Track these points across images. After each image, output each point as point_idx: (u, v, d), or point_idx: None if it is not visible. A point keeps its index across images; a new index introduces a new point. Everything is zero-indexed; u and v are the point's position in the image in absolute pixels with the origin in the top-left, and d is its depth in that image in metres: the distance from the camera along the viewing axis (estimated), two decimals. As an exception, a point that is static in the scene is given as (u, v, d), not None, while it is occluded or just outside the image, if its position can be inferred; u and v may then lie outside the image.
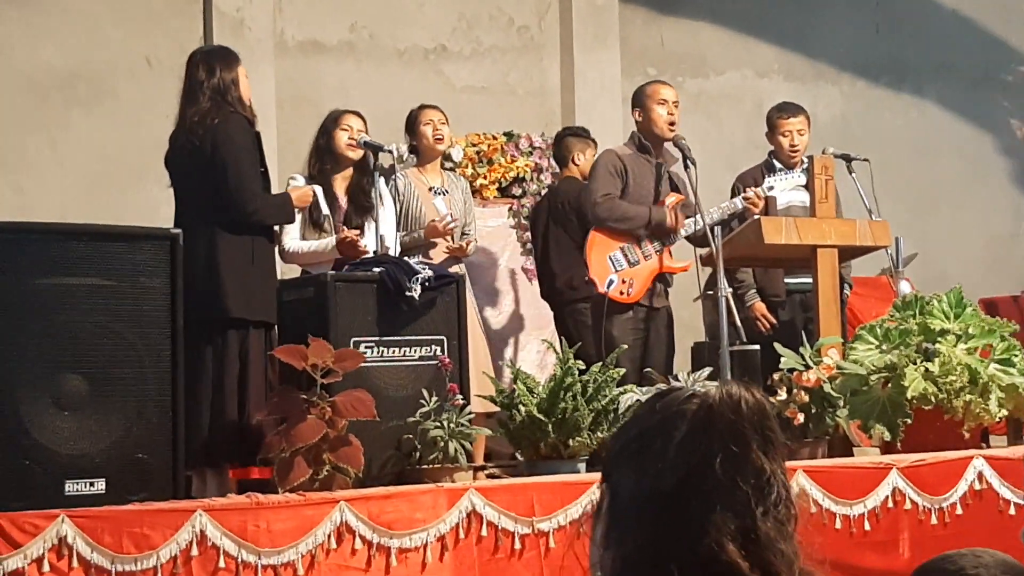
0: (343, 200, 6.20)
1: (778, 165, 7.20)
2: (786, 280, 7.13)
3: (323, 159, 6.23)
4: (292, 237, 6.09)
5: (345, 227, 6.10)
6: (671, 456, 1.56)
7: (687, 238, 6.81)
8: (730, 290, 6.32)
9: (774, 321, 7.03)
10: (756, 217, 6.64)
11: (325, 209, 6.02)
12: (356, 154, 6.22)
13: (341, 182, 6.23)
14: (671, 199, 6.77)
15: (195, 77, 5.42)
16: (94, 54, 7.96)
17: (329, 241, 6.03)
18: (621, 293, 6.62)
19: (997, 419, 5.93)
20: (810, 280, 6.58)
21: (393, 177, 6.75)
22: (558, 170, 8.23)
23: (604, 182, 6.74)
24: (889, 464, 5.60)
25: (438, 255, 6.56)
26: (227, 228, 5.25)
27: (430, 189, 6.69)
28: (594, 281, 6.67)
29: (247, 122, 5.41)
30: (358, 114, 6.37)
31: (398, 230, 6.55)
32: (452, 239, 6.58)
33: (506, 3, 8.97)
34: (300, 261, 6.17)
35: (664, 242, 6.76)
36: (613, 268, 6.66)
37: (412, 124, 6.79)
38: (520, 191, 8.14)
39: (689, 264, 6.82)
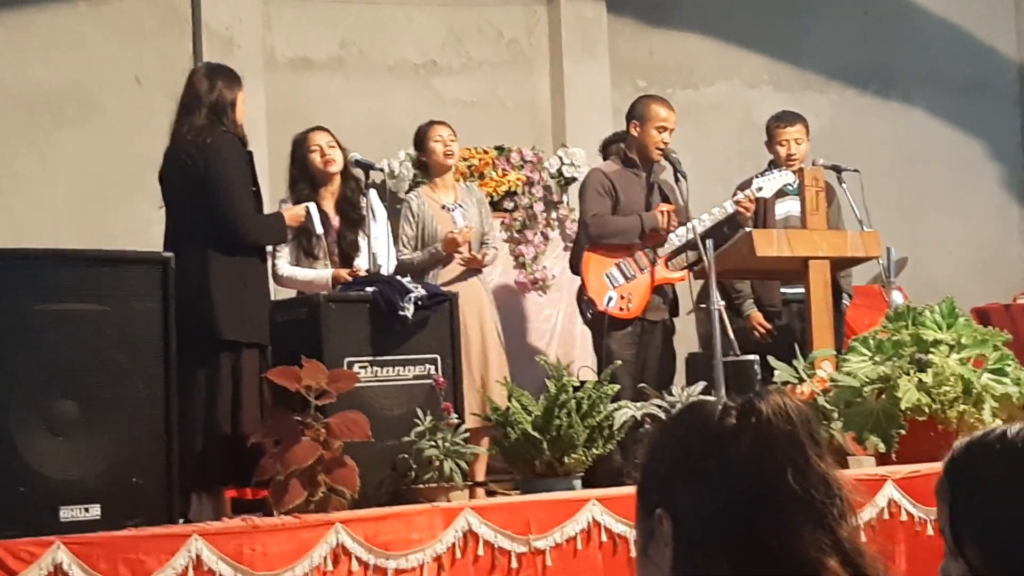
0: (334, 218, 6.17)
1: (777, 173, 7.19)
2: (782, 290, 7.13)
3: (301, 186, 6.14)
4: (284, 261, 6.07)
5: (338, 250, 6.06)
6: (737, 474, 1.55)
7: (679, 250, 6.80)
8: (723, 303, 6.32)
9: (771, 329, 7.03)
10: (748, 230, 6.65)
11: (319, 228, 5.95)
12: (336, 167, 6.15)
13: (329, 198, 6.17)
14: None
15: (195, 90, 5.34)
16: (83, 72, 7.95)
17: (325, 274, 5.99)
18: (621, 309, 6.62)
19: (991, 429, 5.92)
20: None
21: (407, 198, 6.71)
22: (549, 183, 8.22)
23: (593, 202, 6.75)
24: (884, 476, 5.59)
25: (454, 267, 6.52)
26: (219, 249, 5.21)
27: (443, 207, 6.66)
28: (592, 300, 6.66)
29: (240, 141, 5.36)
30: (322, 128, 6.28)
31: (416, 249, 6.53)
32: (469, 247, 6.52)
33: (495, 17, 8.97)
34: (294, 287, 6.13)
35: (658, 252, 6.75)
36: (611, 285, 6.66)
37: (421, 140, 6.72)
38: (512, 205, 8.11)
39: (685, 275, 6.82)
